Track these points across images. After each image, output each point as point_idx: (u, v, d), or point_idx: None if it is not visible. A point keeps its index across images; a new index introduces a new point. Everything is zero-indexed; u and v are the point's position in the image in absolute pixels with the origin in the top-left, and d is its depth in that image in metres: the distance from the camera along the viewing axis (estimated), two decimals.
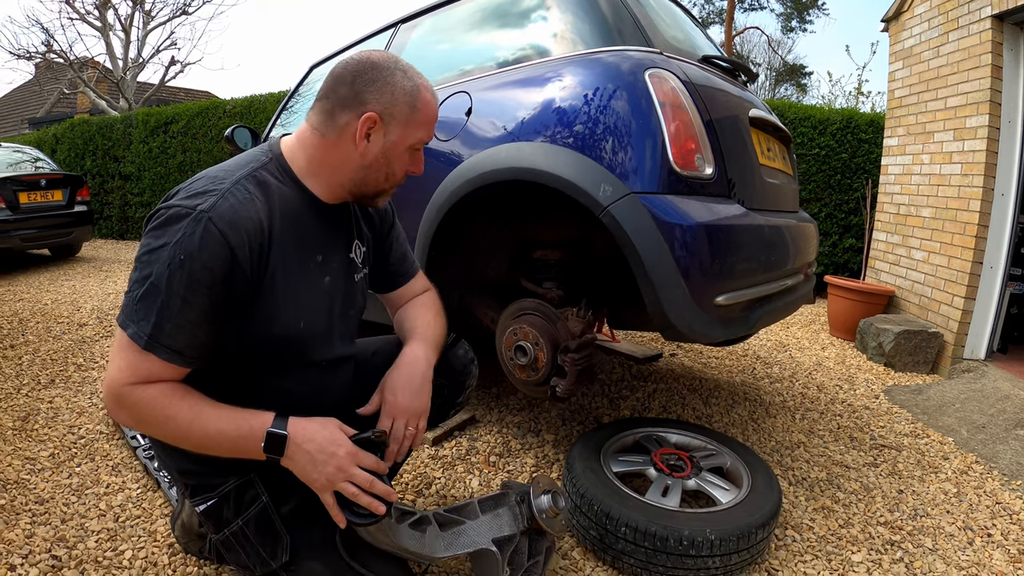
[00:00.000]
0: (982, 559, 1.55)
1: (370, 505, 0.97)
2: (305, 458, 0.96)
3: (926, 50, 3.56)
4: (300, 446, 0.96)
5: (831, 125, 5.10)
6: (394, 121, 1.03)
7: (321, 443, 0.96)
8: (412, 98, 1.03)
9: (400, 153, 1.06)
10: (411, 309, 1.34)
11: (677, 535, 1.31)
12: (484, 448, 2.00)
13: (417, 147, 1.09)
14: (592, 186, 1.43)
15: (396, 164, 1.08)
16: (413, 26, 2.33)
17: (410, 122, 1.04)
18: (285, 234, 1.00)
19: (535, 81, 1.70)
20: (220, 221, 0.89)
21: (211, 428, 0.94)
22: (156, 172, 7.41)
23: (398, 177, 1.11)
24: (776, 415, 2.45)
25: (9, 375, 2.55)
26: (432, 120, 1.08)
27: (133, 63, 12.95)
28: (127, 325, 0.90)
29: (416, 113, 1.04)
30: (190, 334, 0.91)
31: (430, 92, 1.07)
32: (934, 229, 3.42)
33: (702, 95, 1.54)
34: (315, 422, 0.99)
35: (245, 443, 0.95)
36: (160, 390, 0.92)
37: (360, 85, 1.00)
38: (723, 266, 1.42)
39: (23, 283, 4.75)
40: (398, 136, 1.04)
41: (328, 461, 0.96)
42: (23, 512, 1.55)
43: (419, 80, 1.05)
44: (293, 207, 1.03)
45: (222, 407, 0.96)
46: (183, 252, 0.87)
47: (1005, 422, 2.40)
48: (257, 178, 0.99)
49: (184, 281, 0.87)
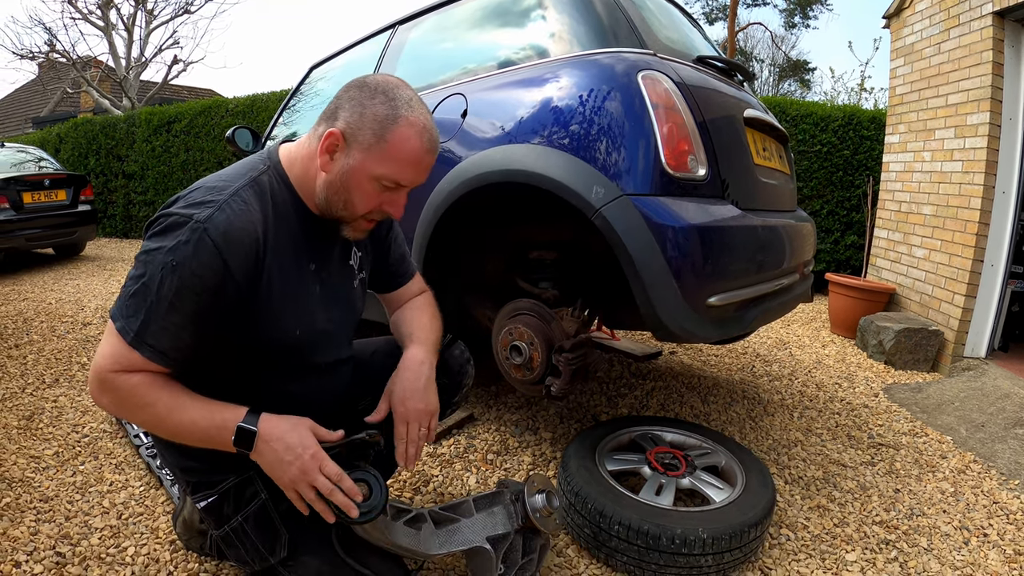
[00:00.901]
0: (977, 559, 1.56)
1: (323, 512, 0.98)
2: (272, 456, 0.98)
3: (927, 47, 3.55)
4: (268, 443, 0.97)
5: (833, 122, 5.08)
6: (356, 144, 0.99)
7: (289, 443, 0.98)
8: (382, 127, 0.97)
9: (360, 182, 1.00)
10: (407, 312, 1.36)
11: (669, 534, 1.32)
12: (482, 446, 2.01)
13: (388, 183, 1.01)
14: (584, 188, 1.44)
15: (355, 193, 1.02)
16: (411, 27, 2.35)
17: (373, 151, 0.98)
18: (280, 243, 1.03)
19: (529, 83, 1.71)
20: (215, 232, 0.91)
21: (186, 418, 0.96)
22: (159, 171, 7.45)
23: (357, 209, 1.03)
24: (774, 413, 2.46)
25: (14, 374, 2.58)
26: (406, 160, 0.99)
27: (136, 62, 12.99)
28: (117, 318, 0.93)
29: (382, 144, 0.97)
30: (174, 336, 0.93)
31: (414, 129, 0.98)
32: (935, 227, 3.41)
33: (696, 96, 1.54)
34: (287, 421, 1.00)
35: (217, 434, 0.97)
36: (142, 379, 0.95)
37: (343, 101, 1.01)
38: (715, 267, 1.43)
39: (28, 282, 4.79)
40: (357, 162, 0.99)
41: (293, 462, 0.97)
42: (28, 510, 1.57)
43: (405, 112, 0.98)
44: (289, 216, 1.05)
45: (200, 399, 0.99)
46: (176, 259, 0.89)
47: (1004, 421, 2.40)
48: (254, 187, 1.01)
49: (173, 287, 0.90)
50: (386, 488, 1.05)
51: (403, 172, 1.01)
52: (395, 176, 1.00)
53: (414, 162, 1.00)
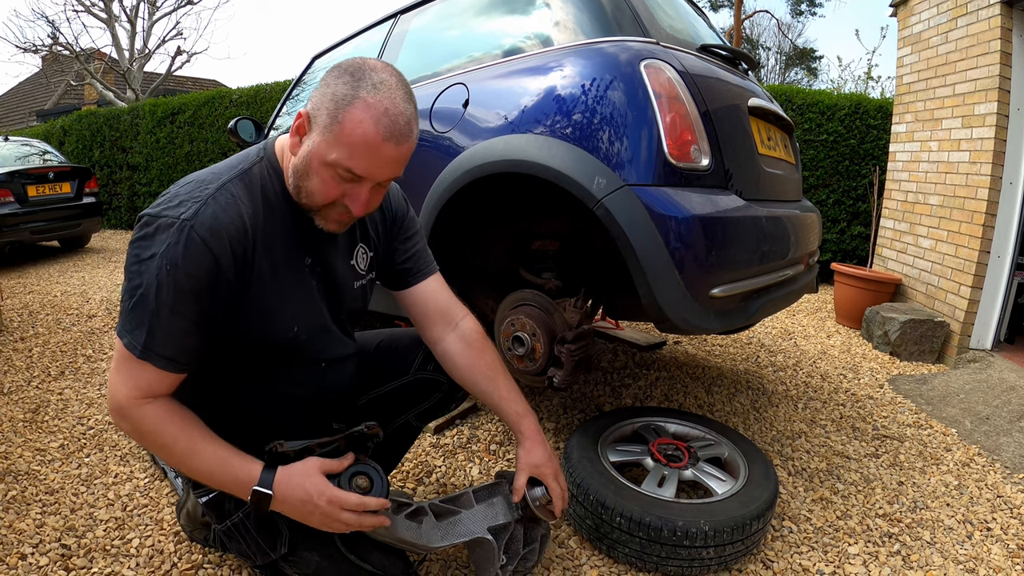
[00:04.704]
0: (980, 553, 1.55)
1: (360, 527, 1.01)
2: (292, 510, 0.99)
3: (934, 36, 3.50)
4: (285, 503, 0.98)
5: (839, 111, 5.04)
6: (315, 125, 0.93)
7: (303, 496, 0.97)
8: (337, 107, 0.89)
9: (317, 167, 0.94)
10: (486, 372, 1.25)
11: (671, 525, 1.32)
12: (485, 436, 2.01)
13: (342, 172, 0.92)
14: (586, 178, 1.43)
15: (313, 180, 0.95)
16: (412, 16, 2.33)
17: (326, 132, 0.91)
18: (272, 235, 1.00)
19: (530, 72, 1.70)
20: (201, 228, 0.89)
21: (203, 467, 0.97)
22: (164, 162, 7.45)
23: (315, 199, 0.97)
24: (778, 404, 2.45)
25: (20, 367, 2.59)
26: (357, 145, 0.89)
27: (139, 54, 12.96)
28: (123, 335, 0.92)
29: (335, 125, 0.90)
30: (180, 341, 0.93)
31: (370, 112, 0.88)
32: (941, 217, 3.39)
33: (699, 85, 1.53)
34: (299, 474, 0.98)
35: (234, 489, 0.98)
36: (161, 414, 0.94)
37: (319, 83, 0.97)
38: (718, 258, 1.42)
39: (33, 275, 4.81)
40: (314, 144, 0.93)
41: (313, 512, 0.97)
42: (34, 502, 1.58)
43: (365, 93, 0.89)
44: (281, 208, 1.03)
45: (217, 444, 0.97)
46: (168, 263, 0.88)
47: (1010, 414, 2.39)
48: (244, 180, 0.99)
49: (171, 291, 0.89)
50: (387, 482, 1.05)
51: (354, 159, 0.91)
52: (346, 163, 0.91)
53: (366, 149, 0.90)
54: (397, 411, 1.37)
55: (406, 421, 1.39)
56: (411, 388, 1.36)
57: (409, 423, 1.40)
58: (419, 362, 1.36)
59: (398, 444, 1.46)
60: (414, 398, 1.37)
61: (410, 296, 1.28)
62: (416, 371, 1.35)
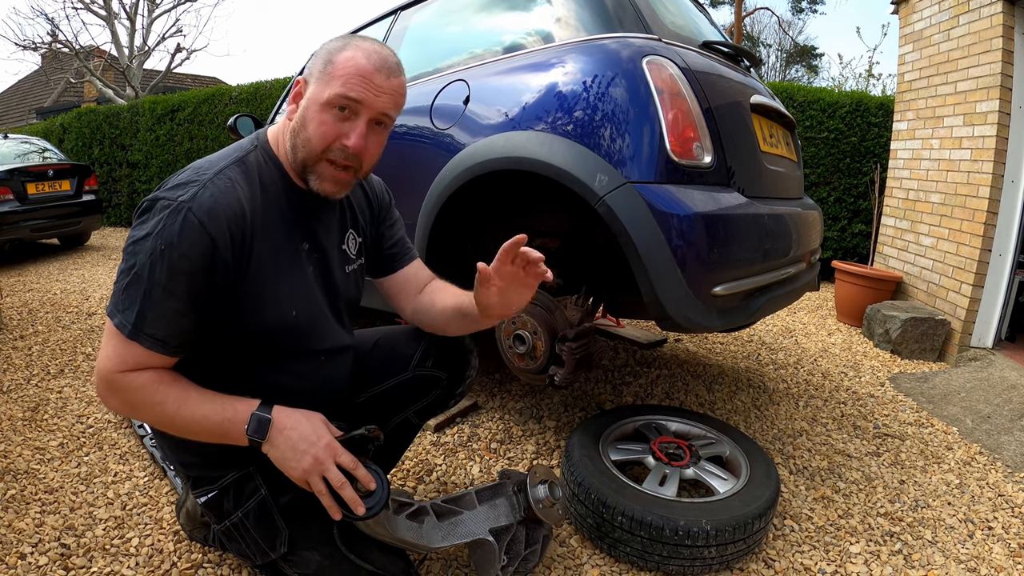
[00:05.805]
0: (981, 552, 1.55)
1: (330, 508, 0.97)
2: (286, 444, 0.97)
3: (936, 33, 3.49)
4: (283, 432, 0.97)
5: (840, 108, 5.02)
6: (312, 79, 1.00)
7: (304, 432, 0.97)
8: (331, 55, 0.98)
9: (315, 112, 0.98)
10: (441, 292, 1.29)
11: (673, 525, 1.31)
12: (485, 435, 2.01)
13: (340, 105, 0.97)
14: (588, 175, 1.42)
15: (311, 125, 0.99)
16: (412, 12, 2.32)
17: (322, 78, 0.98)
18: (269, 220, 1.01)
19: (531, 68, 1.69)
20: (199, 211, 0.90)
21: (198, 413, 0.95)
22: (163, 159, 7.44)
23: (315, 144, 0.99)
24: (779, 402, 2.45)
25: (19, 366, 2.59)
26: (351, 73, 0.96)
27: (139, 51, 12.94)
28: (114, 314, 0.92)
29: (330, 66, 0.97)
30: (173, 323, 0.92)
31: (360, 50, 0.98)
32: (943, 215, 3.38)
33: (701, 82, 1.52)
34: (301, 412, 1.00)
35: (231, 426, 0.96)
36: (149, 377, 0.94)
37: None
38: (720, 256, 1.41)
39: (33, 273, 4.80)
40: (312, 94, 0.99)
41: (307, 451, 0.96)
42: (33, 501, 1.58)
43: (356, 43, 0.99)
44: (277, 193, 1.04)
45: (209, 393, 0.98)
46: (163, 243, 0.88)
47: (1011, 412, 2.38)
48: (241, 166, 1.00)
49: (165, 271, 0.88)
50: (388, 483, 1.04)
51: (348, 86, 0.96)
52: (343, 92, 0.96)
53: (359, 77, 0.96)
54: (396, 408, 1.37)
55: (405, 419, 1.38)
56: (410, 385, 1.35)
57: (408, 420, 1.39)
58: (418, 358, 1.35)
59: (398, 442, 1.45)
60: (413, 395, 1.36)
61: (398, 277, 1.33)
62: (415, 367, 1.35)
